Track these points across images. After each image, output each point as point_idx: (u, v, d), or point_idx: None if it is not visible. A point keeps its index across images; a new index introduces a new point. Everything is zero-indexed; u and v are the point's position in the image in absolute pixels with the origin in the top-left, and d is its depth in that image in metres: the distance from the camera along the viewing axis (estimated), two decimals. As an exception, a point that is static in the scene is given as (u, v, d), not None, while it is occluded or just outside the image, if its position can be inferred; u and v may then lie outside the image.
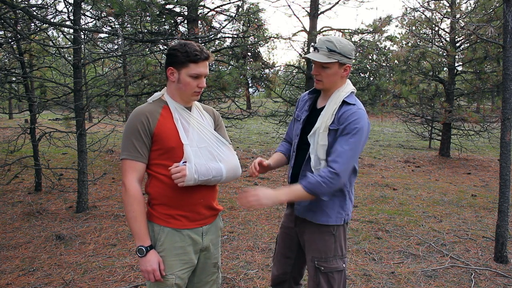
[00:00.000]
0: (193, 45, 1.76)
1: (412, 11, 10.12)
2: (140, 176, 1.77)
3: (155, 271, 1.73)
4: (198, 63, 1.76)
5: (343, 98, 1.95)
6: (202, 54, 1.76)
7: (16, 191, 6.18)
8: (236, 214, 5.13)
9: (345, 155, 1.84)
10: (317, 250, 2.01)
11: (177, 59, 1.76)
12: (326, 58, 1.91)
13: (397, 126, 18.92)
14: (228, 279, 3.34)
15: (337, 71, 1.96)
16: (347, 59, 1.95)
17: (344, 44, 1.93)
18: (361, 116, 1.89)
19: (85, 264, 3.63)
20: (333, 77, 1.96)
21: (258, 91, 11.81)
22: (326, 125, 1.92)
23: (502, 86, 3.92)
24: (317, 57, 1.93)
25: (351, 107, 1.92)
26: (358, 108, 1.92)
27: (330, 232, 2.01)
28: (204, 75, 1.81)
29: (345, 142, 1.85)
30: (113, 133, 6.80)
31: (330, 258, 1.99)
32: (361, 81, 10.41)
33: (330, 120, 1.92)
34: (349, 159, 1.85)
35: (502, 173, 3.76)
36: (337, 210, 2.00)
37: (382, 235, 4.45)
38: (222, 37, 9.41)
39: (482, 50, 9.22)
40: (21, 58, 5.78)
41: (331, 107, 1.95)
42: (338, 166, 1.83)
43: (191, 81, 1.78)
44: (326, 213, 1.99)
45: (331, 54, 1.91)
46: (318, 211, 1.99)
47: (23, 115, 14.10)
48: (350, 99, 1.96)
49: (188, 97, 1.84)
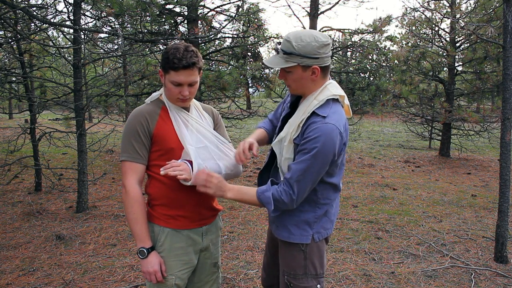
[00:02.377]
0: (178, 50, 1.66)
1: (412, 11, 10.12)
2: (140, 177, 1.77)
3: (156, 273, 1.73)
4: (178, 71, 1.67)
5: (313, 108, 1.66)
6: (181, 63, 1.65)
7: (16, 191, 6.18)
8: (236, 214, 5.13)
9: (299, 175, 1.62)
10: (287, 265, 1.82)
11: (162, 62, 1.74)
12: (283, 62, 1.65)
13: (397, 126, 18.91)
14: (228, 279, 3.34)
15: (302, 75, 1.66)
16: (312, 60, 1.62)
17: (305, 42, 1.61)
18: (324, 132, 1.59)
19: (85, 264, 3.63)
20: (299, 81, 1.68)
21: (258, 91, 11.81)
22: (291, 137, 1.69)
23: (502, 86, 3.92)
24: (272, 61, 1.68)
25: (318, 120, 1.62)
26: (325, 122, 1.61)
27: (298, 248, 1.79)
28: (186, 84, 1.71)
29: (302, 161, 1.62)
30: (113, 133, 6.80)
31: (300, 276, 1.78)
32: (361, 81, 10.41)
33: (296, 133, 1.68)
34: (305, 179, 1.62)
35: (502, 173, 3.76)
36: (302, 227, 1.77)
37: (382, 235, 4.46)
38: (222, 37, 9.41)
39: (482, 50, 9.22)
40: (21, 58, 5.78)
41: (299, 118, 1.69)
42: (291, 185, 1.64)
43: (173, 87, 1.73)
44: (288, 229, 1.79)
45: (289, 57, 1.63)
46: (280, 226, 1.81)
47: (23, 115, 14.10)
48: (322, 110, 1.66)
49: (174, 102, 1.80)
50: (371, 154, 10.84)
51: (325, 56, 1.66)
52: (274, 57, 1.71)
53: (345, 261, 3.73)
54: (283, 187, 1.67)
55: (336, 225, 4.77)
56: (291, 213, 1.78)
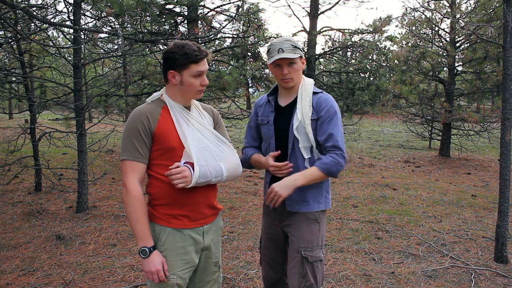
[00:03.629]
0: (190, 45, 1.77)
1: (412, 11, 10.12)
2: (141, 176, 1.77)
3: (159, 272, 1.73)
4: (199, 62, 1.78)
5: (311, 90, 2.14)
6: (202, 53, 1.77)
7: (16, 191, 6.18)
8: (236, 214, 5.13)
9: (340, 137, 2.04)
10: (304, 240, 2.08)
11: (177, 62, 1.76)
12: (293, 54, 2.05)
13: (397, 126, 18.91)
14: (228, 279, 3.34)
15: (300, 65, 2.12)
16: (303, 53, 2.14)
17: (295, 40, 2.12)
18: (331, 99, 2.12)
19: (85, 264, 3.63)
20: (299, 71, 2.12)
21: (258, 91, 11.79)
22: (309, 116, 2.07)
23: (502, 86, 3.92)
24: (287, 54, 2.05)
25: (321, 95, 2.14)
26: (326, 94, 2.16)
27: (315, 220, 2.12)
28: (205, 72, 1.83)
29: (334, 125, 2.05)
30: (113, 133, 6.80)
31: (315, 247, 2.09)
32: (361, 81, 10.38)
33: (310, 111, 2.08)
34: (343, 140, 2.06)
35: (502, 173, 3.76)
36: (324, 195, 2.15)
37: (382, 235, 4.46)
38: (222, 37, 9.40)
39: (482, 50, 9.22)
40: (21, 58, 5.78)
41: (306, 100, 2.10)
42: (341, 147, 2.02)
43: (195, 81, 1.80)
44: (317, 200, 2.12)
45: (295, 50, 2.06)
46: (312, 200, 2.11)
47: (23, 115, 14.08)
48: (316, 89, 2.17)
49: (192, 96, 1.86)
50: (371, 154, 10.84)
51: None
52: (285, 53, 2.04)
53: (345, 261, 3.73)
54: (335, 152, 2.01)
55: (336, 225, 4.78)
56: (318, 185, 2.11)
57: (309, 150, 2.08)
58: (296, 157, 2.09)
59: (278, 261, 2.27)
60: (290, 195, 2.02)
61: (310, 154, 2.08)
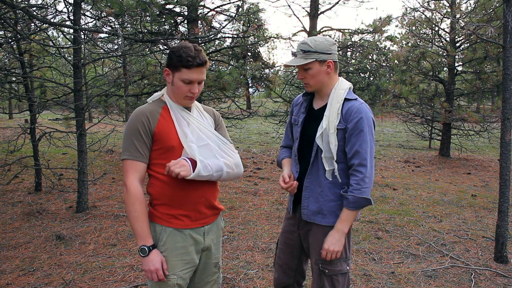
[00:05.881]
0: (190, 49, 1.73)
1: (412, 11, 10.12)
2: (141, 176, 1.77)
3: (158, 271, 1.73)
4: (191, 69, 1.74)
5: (344, 95, 1.95)
6: (195, 61, 1.72)
7: (16, 191, 6.18)
8: (236, 214, 5.13)
9: (369, 154, 1.88)
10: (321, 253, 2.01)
11: (171, 61, 1.76)
12: (303, 60, 1.93)
13: (397, 126, 18.92)
14: (228, 279, 3.34)
15: (319, 70, 1.95)
16: (327, 55, 1.94)
17: (319, 41, 1.94)
18: (365, 109, 1.91)
19: (85, 264, 3.63)
20: (317, 76, 1.96)
21: (258, 91, 11.81)
22: (334, 125, 1.91)
23: (502, 86, 3.92)
24: (295, 61, 1.95)
25: (354, 103, 1.94)
26: (361, 103, 1.94)
27: None
28: (197, 81, 1.78)
29: (363, 142, 1.88)
30: (113, 133, 6.80)
31: (335, 261, 1.98)
32: (361, 81, 10.38)
33: (337, 120, 1.92)
34: (372, 157, 1.91)
35: (502, 173, 3.76)
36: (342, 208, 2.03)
37: (382, 235, 4.46)
38: (222, 37, 9.40)
39: (482, 50, 9.22)
40: (21, 58, 5.78)
41: (335, 106, 1.93)
42: (366, 169, 1.88)
43: (183, 85, 1.77)
44: (335, 214, 1.99)
45: (307, 55, 1.93)
46: (328, 214, 2.00)
47: (23, 115, 14.10)
48: (351, 95, 1.98)
49: (181, 100, 1.83)
50: (371, 154, 10.82)
51: (336, 53, 1.98)
52: (294, 59, 1.97)
53: (345, 261, 3.73)
54: (356, 178, 1.88)
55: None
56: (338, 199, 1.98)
57: (332, 161, 1.94)
58: (318, 167, 1.98)
59: (291, 267, 2.20)
60: (307, 205, 2.01)
61: (332, 166, 1.94)
